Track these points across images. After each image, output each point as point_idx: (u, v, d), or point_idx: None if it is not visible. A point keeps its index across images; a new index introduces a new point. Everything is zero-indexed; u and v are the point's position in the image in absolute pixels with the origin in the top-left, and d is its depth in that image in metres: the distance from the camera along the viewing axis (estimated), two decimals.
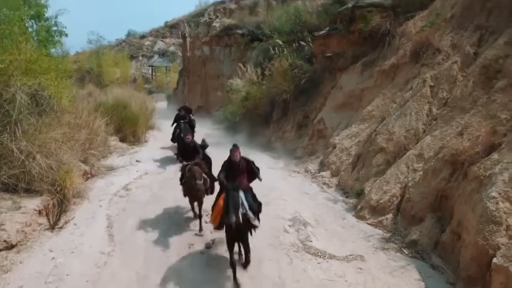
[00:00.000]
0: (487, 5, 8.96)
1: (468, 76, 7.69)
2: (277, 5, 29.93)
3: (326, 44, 12.48)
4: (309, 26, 14.54)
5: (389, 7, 11.11)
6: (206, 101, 22.34)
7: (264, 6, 33.10)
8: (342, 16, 12.03)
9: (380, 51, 10.74)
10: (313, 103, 12.42)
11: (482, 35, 8.53)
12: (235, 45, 20.03)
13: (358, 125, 9.71)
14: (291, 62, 13.01)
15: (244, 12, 33.00)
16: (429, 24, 9.24)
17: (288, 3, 22.86)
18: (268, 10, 29.02)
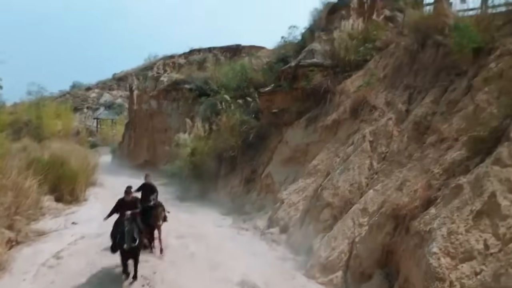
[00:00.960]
0: (413, 67, 9.85)
1: (403, 132, 8.19)
2: (225, 61, 31.04)
3: (271, 100, 12.87)
4: (255, 82, 15.04)
5: (328, 67, 11.84)
6: (153, 155, 21.73)
7: (213, 61, 34.14)
8: (285, 74, 12.59)
9: (322, 107, 11.23)
10: (260, 158, 12.48)
11: (411, 93, 9.26)
12: (183, 100, 20.11)
13: (305, 180, 9.81)
14: (238, 117, 13.17)
15: (193, 67, 33.68)
16: (365, 84, 9.90)
17: (235, 60, 23.79)
18: (216, 65, 29.99)
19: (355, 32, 12.21)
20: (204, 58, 35.68)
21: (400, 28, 11.95)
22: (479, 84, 7.11)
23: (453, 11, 9.77)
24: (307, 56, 12.40)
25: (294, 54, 14.35)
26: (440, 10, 9.95)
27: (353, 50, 11.68)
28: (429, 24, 9.90)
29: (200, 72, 22.46)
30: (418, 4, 11.14)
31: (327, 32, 13.30)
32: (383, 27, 12.85)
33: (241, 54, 32.50)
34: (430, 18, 9.97)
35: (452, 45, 7.62)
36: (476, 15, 8.33)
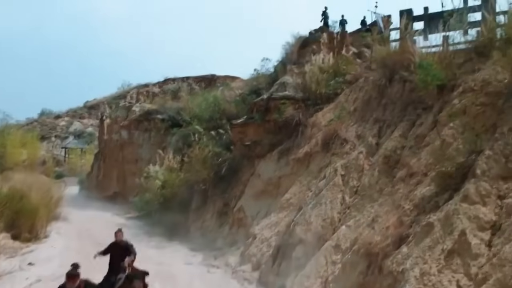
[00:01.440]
0: (382, 101, 10.08)
1: (373, 166, 8.21)
2: (200, 90, 31.09)
3: (244, 132, 12.78)
4: (228, 114, 14.98)
5: (300, 100, 11.96)
6: (123, 186, 21.00)
7: (187, 91, 34.14)
8: (258, 106, 12.61)
9: (294, 140, 11.22)
10: (233, 191, 12.22)
11: (381, 127, 9.41)
12: (155, 130, 19.76)
13: (277, 214, 9.61)
14: (211, 149, 12.97)
15: (167, 96, 33.52)
16: (336, 118, 10.00)
17: (209, 91, 23.87)
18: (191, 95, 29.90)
19: (326, 66, 12.49)
20: (178, 88, 35.71)
21: (369, 63, 12.34)
22: (445, 120, 7.28)
23: (417, 48, 10.19)
24: (279, 89, 12.51)
25: (267, 86, 14.49)
26: (405, 47, 10.35)
27: (324, 83, 11.89)
28: (395, 60, 10.25)
29: (173, 102, 22.31)
30: (385, 40, 11.55)
31: (299, 66, 13.55)
32: (352, 62, 13.25)
33: (215, 83, 32.77)
34: (396, 54, 10.33)
35: (418, 81, 7.82)
36: (438, 52, 8.65)
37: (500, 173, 5.15)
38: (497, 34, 8.12)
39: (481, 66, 7.89)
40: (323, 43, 14.21)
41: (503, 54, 7.63)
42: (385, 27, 14.20)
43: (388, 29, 14.86)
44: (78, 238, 13.07)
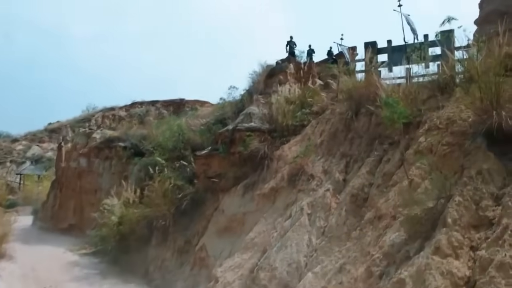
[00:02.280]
0: (349, 135, 9.87)
1: (341, 204, 7.85)
2: (168, 115, 30.31)
3: (208, 164, 12.21)
4: (193, 143, 14.38)
5: (266, 131, 11.59)
6: (80, 219, 19.62)
7: (155, 115, 33.21)
8: (223, 137, 12.13)
9: (260, 174, 10.77)
10: (195, 227, 11.49)
11: (348, 162, 9.14)
12: (116, 158, 18.76)
13: (241, 255, 8.97)
14: (172, 182, 12.25)
15: (134, 120, 32.47)
16: (301, 155, 9.67)
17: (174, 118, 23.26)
18: (159, 119, 29.09)
19: (292, 97, 12.27)
20: (146, 112, 34.73)
21: (335, 94, 12.24)
22: (411, 158, 7.08)
23: (382, 82, 10.19)
24: (245, 120, 12.13)
25: (233, 115, 14.09)
26: (370, 80, 10.31)
27: (290, 115, 11.63)
28: (361, 93, 10.16)
29: (137, 129, 21.42)
30: (351, 72, 11.52)
31: (265, 96, 13.29)
32: (319, 93, 13.13)
33: (184, 108, 32.15)
34: (362, 87, 10.25)
35: (384, 119, 7.63)
36: (403, 87, 8.57)
37: (472, 221, 4.87)
38: (457, 72, 8.16)
39: (445, 103, 7.85)
40: (290, 73, 14.09)
41: (465, 92, 7.65)
42: (351, 58, 14.34)
43: (354, 60, 15.09)
44: (23, 282, 11.80)
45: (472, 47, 9.43)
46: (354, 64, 12.56)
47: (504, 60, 6.45)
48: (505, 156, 5.57)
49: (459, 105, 7.45)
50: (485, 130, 5.82)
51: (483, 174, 5.35)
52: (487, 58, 6.72)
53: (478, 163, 5.66)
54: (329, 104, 12.11)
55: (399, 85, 8.91)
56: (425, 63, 10.74)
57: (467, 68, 7.87)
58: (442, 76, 8.31)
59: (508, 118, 5.58)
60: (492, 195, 5.06)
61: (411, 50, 10.38)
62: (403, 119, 7.13)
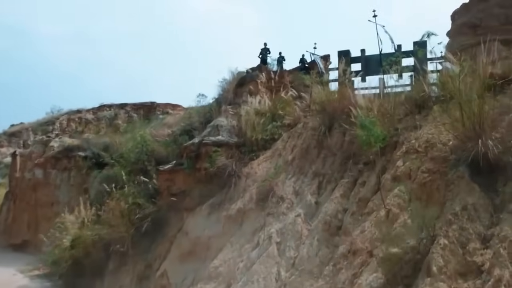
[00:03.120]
0: (322, 152, 9.26)
1: (313, 232, 7.19)
2: (139, 118, 29.08)
3: (172, 179, 11.30)
4: (157, 156, 13.41)
5: (234, 145, 10.83)
6: (35, 234, 18.06)
7: (124, 119, 31.75)
8: (188, 151, 11.26)
9: (227, 192, 9.99)
10: (157, 249, 10.56)
11: (320, 182, 8.52)
12: (75, 169, 17.45)
13: (205, 285, 8.15)
14: (132, 199, 11.26)
15: (101, 124, 31.07)
16: (272, 176, 8.99)
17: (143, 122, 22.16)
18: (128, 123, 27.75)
19: (263, 109, 11.58)
20: (115, 115, 33.13)
21: (307, 107, 11.65)
22: (388, 184, 6.51)
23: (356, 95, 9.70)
24: (212, 132, 11.32)
25: (200, 126, 13.26)
26: (344, 93, 9.77)
27: (260, 128, 10.92)
28: (334, 107, 9.60)
29: (99, 137, 20.14)
30: (324, 84, 10.95)
31: (234, 106, 12.54)
32: (291, 103, 12.50)
33: (155, 111, 30.89)
34: (335, 101, 9.69)
35: (361, 142, 7.03)
36: (378, 104, 8.02)
37: (458, 268, 4.29)
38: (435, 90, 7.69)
39: (423, 122, 7.37)
40: (261, 82, 13.40)
41: (444, 110, 7.18)
42: (324, 68, 13.82)
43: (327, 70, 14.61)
44: None
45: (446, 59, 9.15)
46: (327, 75, 12.01)
47: (486, 80, 5.99)
48: (491, 188, 5.06)
49: (437, 125, 6.97)
50: (468, 158, 5.30)
51: (469, 210, 4.80)
52: (467, 77, 6.26)
53: (462, 196, 5.12)
54: (302, 116, 11.51)
55: (375, 98, 8.34)
56: (399, 74, 10.55)
57: (445, 85, 7.43)
58: (420, 93, 7.82)
59: (493, 147, 5.07)
60: (479, 235, 4.51)
61: (387, 63, 9.93)
62: (380, 143, 6.55)
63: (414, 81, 10.82)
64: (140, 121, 24.48)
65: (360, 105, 7.93)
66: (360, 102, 8.08)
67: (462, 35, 15.68)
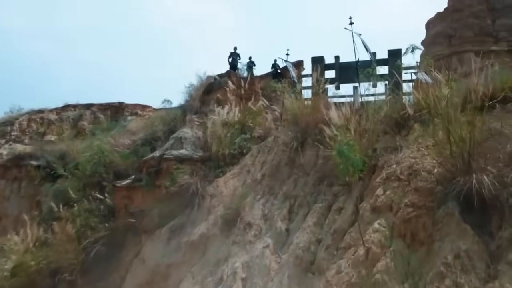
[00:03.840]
0: (293, 171, 8.51)
1: (283, 267, 6.38)
2: (106, 119, 27.55)
3: (130, 197, 10.23)
4: (116, 168, 12.21)
5: (199, 160, 9.89)
6: None
7: (90, 120, 30.02)
8: (148, 166, 10.23)
9: (189, 213, 9.03)
10: (111, 277, 9.44)
11: (291, 205, 7.75)
12: (26, 180, 15.78)
13: None
14: (85, 219, 10.09)
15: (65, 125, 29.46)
16: (239, 200, 8.12)
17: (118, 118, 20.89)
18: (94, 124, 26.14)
19: (231, 120, 10.67)
20: (80, 115, 31.28)
21: (279, 118, 10.87)
22: (368, 216, 5.78)
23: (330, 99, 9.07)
24: (175, 145, 10.32)
25: (164, 136, 12.20)
26: (318, 105, 9.07)
27: (228, 141, 10.03)
28: (307, 120, 8.88)
29: (55, 144, 18.56)
30: (296, 94, 10.20)
31: (201, 116, 11.59)
32: (261, 113, 11.68)
33: (123, 112, 29.36)
34: (308, 114, 8.95)
35: (338, 172, 6.30)
36: (355, 124, 7.28)
37: None
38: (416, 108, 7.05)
39: (403, 143, 6.73)
40: (230, 90, 12.50)
41: (425, 130, 6.58)
42: (297, 76, 13.09)
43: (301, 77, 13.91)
44: None
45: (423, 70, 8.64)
46: (300, 84, 11.28)
47: (475, 102, 5.36)
48: (485, 230, 4.41)
49: (420, 147, 6.33)
50: (459, 193, 4.63)
51: (462, 259, 4.12)
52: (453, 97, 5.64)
53: (452, 238, 4.44)
54: (273, 128, 10.73)
55: (351, 115, 7.61)
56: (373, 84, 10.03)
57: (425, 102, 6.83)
58: (399, 111, 7.18)
59: (488, 183, 4.42)
60: None
61: (362, 74, 9.32)
62: (359, 171, 5.82)
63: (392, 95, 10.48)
64: (107, 122, 22.92)
65: (335, 123, 7.19)
66: (335, 119, 7.32)
67: (436, 45, 15.45)
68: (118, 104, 33.28)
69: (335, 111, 7.64)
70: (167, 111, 14.36)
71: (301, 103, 9.80)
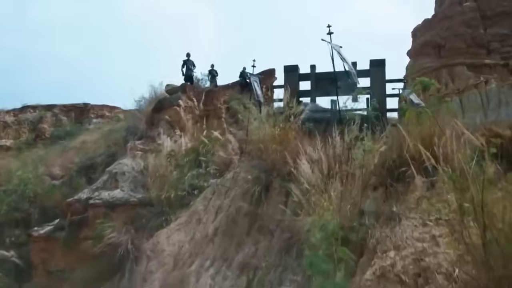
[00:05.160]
0: (254, 227, 6.56)
1: None
2: (69, 121, 25.73)
3: (49, 250, 8.00)
4: (45, 204, 9.91)
5: (137, 205, 7.76)
6: None
7: (51, 122, 27.63)
8: (73, 211, 8.01)
9: (120, 280, 6.93)
10: None
11: (249, 281, 5.79)
12: None
13: None
14: None
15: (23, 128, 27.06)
16: (181, 272, 6.06)
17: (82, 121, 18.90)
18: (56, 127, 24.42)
19: (180, 151, 8.57)
20: (40, 118, 28.72)
21: (243, 146, 8.87)
22: None
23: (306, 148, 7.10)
24: (109, 183, 8.15)
25: (105, 162, 10.02)
26: (289, 137, 7.15)
27: (175, 179, 7.93)
28: (274, 159, 6.94)
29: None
30: (263, 120, 8.19)
31: (147, 141, 9.42)
32: (221, 136, 9.64)
33: (89, 114, 27.12)
34: (276, 150, 7.00)
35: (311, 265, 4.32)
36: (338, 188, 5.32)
37: None
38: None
39: (400, 207, 4.85)
40: (184, 107, 10.37)
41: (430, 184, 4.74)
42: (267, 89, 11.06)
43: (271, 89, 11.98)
44: None
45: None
46: (269, 106, 9.30)
47: None
48: None
49: (425, 219, 4.48)
50: None
51: None
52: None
53: None
54: (234, 160, 8.75)
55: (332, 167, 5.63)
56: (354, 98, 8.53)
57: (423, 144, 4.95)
58: (396, 159, 5.27)
59: None
60: None
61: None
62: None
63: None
64: (71, 125, 21.12)
65: (307, 177, 5.22)
66: (306, 171, 5.34)
67: (424, 56, 13.74)
68: (83, 105, 30.43)
69: (308, 154, 5.67)
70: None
71: (269, 131, 7.80)
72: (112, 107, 26.42)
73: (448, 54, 12.00)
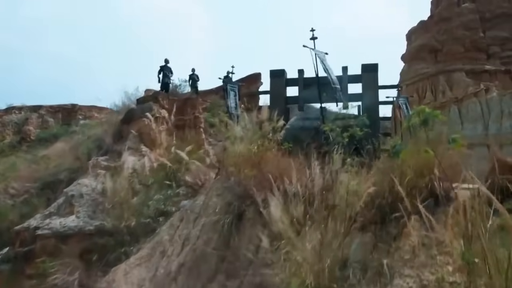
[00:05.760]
0: (221, 268, 5.59)
1: None
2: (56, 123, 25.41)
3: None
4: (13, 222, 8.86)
5: (94, 233, 6.77)
6: None
7: (37, 124, 26.97)
8: (22, 240, 7.00)
9: None
10: None
11: None
12: None
13: None
14: None
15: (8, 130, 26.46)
16: None
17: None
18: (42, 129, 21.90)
19: (145, 170, 7.59)
20: (25, 119, 27.80)
21: (217, 164, 7.92)
22: None
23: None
24: (63, 208, 7.15)
25: (69, 177, 9.02)
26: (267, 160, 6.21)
27: (138, 204, 6.96)
28: (248, 184, 6.00)
29: None
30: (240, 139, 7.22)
31: (112, 157, 8.43)
32: (199, 149, 8.69)
33: (76, 115, 26.30)
34: (252, 175, 6.05)
35: None
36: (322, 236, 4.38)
37: None
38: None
39: (391, 259, 3.95)
40: (158, 117, 9.39)
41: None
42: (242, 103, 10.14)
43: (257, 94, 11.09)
44: None
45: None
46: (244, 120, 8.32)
47: None
48: None
49: (420, 275, 3.58)
50: None
51: None
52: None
53: None
54: (211, 178, 7.80)
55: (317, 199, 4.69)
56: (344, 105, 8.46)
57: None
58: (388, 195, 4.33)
59: None
60: None
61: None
62: None
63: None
64: (57, 127, 20.97)
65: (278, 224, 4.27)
66: (276, 216, 4.38)
67: (420, 61, 12.74)
68: (71, 106, 29.37)
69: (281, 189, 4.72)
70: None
71: (244, 150, 6.84)
72: (101, 108, 25.38)
73: (446, 58, 11.10)
